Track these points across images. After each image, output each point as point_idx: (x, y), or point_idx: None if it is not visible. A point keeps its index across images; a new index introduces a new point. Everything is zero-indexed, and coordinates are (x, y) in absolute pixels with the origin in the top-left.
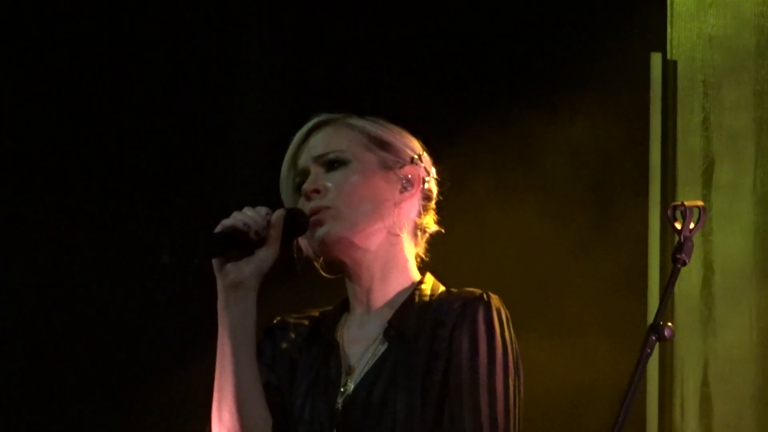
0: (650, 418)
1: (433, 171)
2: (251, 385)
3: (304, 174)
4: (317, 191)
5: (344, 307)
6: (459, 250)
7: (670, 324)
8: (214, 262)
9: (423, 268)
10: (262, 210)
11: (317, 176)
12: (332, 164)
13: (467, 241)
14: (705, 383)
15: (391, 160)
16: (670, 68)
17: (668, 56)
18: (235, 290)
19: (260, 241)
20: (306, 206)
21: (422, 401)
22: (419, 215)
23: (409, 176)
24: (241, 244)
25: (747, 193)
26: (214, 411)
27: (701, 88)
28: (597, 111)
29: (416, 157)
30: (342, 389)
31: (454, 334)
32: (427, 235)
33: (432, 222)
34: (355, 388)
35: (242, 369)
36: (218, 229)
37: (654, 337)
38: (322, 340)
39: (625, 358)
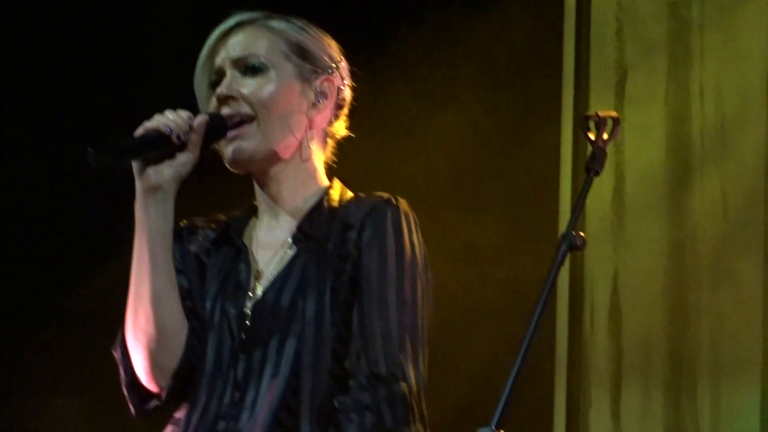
0: (560, 328)
1: (347, 79)
2: (167, 288)
3: (220, 74)
4: (232, 97)
5: (252, 211)
6: (378, 156)
7: (582, 234)
8: (135, 164)
9: (335, 172)
10: (184, 114)
11: (233, 80)
12: (249, 69)
13: (386, 147)
14: (615, 293)
15: (307, 70)
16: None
17: None
18: (154, 193)
19: (181, 146)
20: (220, 109)
21: (331, 303)
22: (330, 123)
23: (324, 89)
24: (163, 147)
25: (659, 105)
26: (128, 314)
27: None
28: (511, 21)
29: (334, 66)
30: (250, 294)
31: (362, 236)
32: (335, 140)
33: (342, 128)
34: (264, 292)
35: (159, 272)
36: (140, 131)
37: (566, 247)
38: (232, 245)
39: (538, 269)
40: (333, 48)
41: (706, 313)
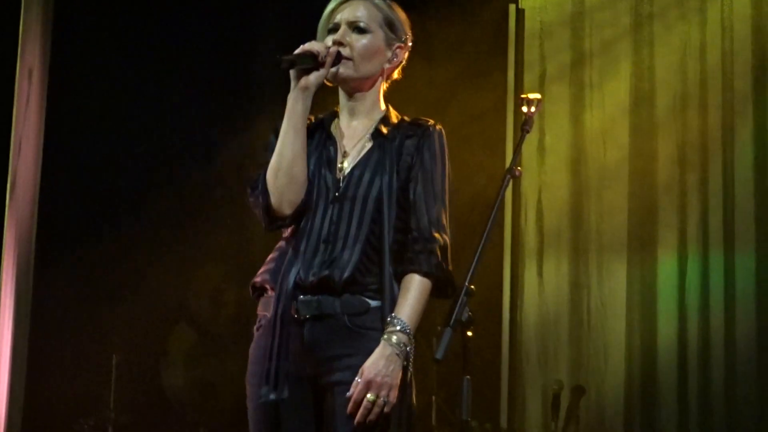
0: (507, 222)
1: (408, 49)
2: (300, 151)
3: (336, 26)
4: (342, 44)
5: (334, 115)
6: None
7: (519, 168)
8: (292, 72)
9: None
10: (323, 44)
11: (345, 33)
12: (356, 28)
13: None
14: (539, 201)
15: (391, 38)
16: (520, 16)
17: (519, 5)
18: (303, 91)
19: (321, 64)
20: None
21: (397, 181)
22: (391, 75)
23: (397, 53)
24: (312, 62)
25: (566, 90)
26: (273, 164)
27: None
28: (482, 32)
29: (406, 38)
30: (340, 166)
31: (419, 144)
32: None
33: (396, 74)
34: (351, 168)
35: (297, 140)
36: (299, 50)
37: (509, 176)
38: (323, 133)
39: (493, 188)
40: (407, 23)
41: (594, 211)
